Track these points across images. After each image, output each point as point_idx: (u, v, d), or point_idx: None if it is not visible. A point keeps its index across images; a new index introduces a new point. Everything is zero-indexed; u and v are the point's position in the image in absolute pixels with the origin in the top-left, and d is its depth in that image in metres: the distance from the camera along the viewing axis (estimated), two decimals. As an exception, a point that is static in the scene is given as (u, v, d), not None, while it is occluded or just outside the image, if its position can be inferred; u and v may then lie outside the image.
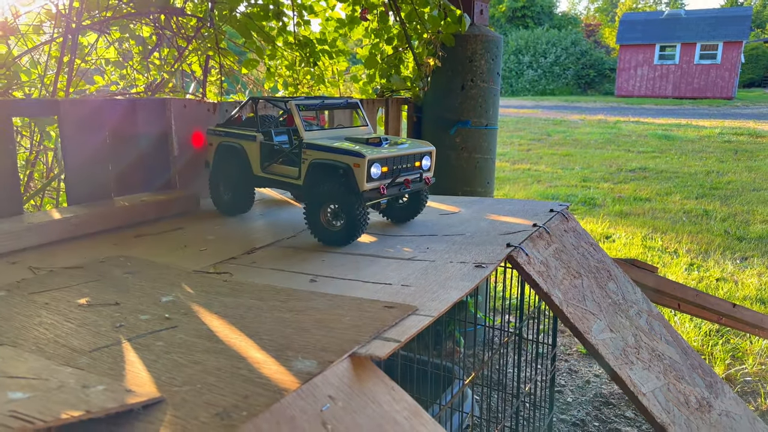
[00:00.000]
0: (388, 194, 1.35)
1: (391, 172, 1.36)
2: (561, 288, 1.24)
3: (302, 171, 1.40)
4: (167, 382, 0.72)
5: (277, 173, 1.49)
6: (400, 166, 1.39)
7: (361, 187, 1.29)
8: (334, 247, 1.35)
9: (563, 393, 2.67)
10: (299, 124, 1.41)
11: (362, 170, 1.28)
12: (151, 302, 1.01)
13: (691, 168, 7.86)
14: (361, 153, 1.29)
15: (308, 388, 0.68)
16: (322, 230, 1.36)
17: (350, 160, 1.30)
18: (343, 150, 1.32)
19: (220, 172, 1.62)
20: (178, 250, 1.35)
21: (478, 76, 2.74)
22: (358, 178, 1.29)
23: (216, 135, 1.62)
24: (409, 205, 1.56)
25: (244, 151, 1.54)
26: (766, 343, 2.92)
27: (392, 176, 1.36)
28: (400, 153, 1.38)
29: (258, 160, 1.52)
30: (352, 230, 1.32)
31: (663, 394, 1.20)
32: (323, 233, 1.36)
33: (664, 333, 1.43)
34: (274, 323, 0.89)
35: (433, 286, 1.07)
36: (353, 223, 1.31)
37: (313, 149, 1.37)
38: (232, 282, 1.11)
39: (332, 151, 1.34)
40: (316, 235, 1.37)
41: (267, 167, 1.51)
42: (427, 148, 1.46)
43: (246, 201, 1.61)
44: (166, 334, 0.87)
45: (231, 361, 0.77)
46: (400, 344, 0.81)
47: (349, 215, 1.31)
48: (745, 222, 5.27)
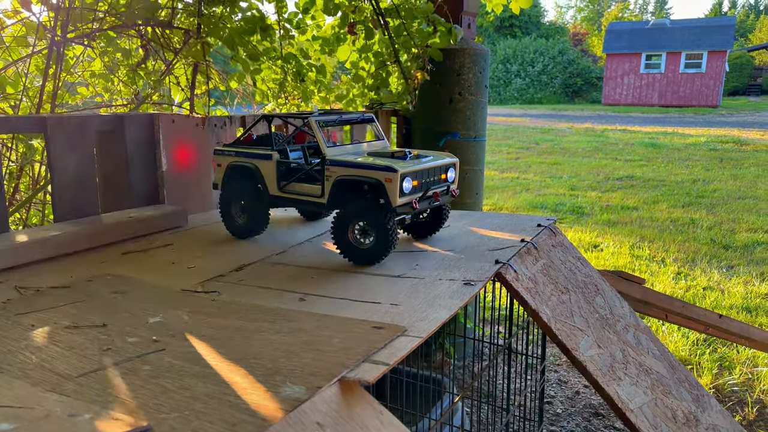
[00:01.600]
0: (420, 208, 1.33)
1: (421, 185, 1.34)
2: (549, 304, 1.24)
3: (326, 189, 1.36)
4: (155, 408, 0.71)
5: (296, 192, 1.45)
6: (429, 179, 1.37)
7: (394, 202, 1.26)
8: (359, 266, 1.32)
9: (553, 404, 2.68)
10: (321, 141, 1.38)
11: (395, 185, 1.25)
12: (138, 324, 1.00)
13: (677, 176, 7.94)
14: (393, 167, 1.25)
15: (296, 416, 0.68)
16: (350, 249, 1.32)
17: (381, 176, 1.26)
18: (372, 165, 1.28)
19: (231, 193, 1.54)
20: (166, 267, 1.34)
21: (466, 89, 2.76)
22: (390, 193, 1.25)
23: (225, 155, 1.55)
24: (431, 220, 1.53)
25: (258, 171, 1.49)
26: (752, 353, 2.95)
27: (423, 190, 1.34)
28: (429, 166, 1.35)
29: (274, 179, 1.46)
30: (384, 247, 1.29)
31: (650, 410, 1.21)
32: (352, 252, 1.33)
33: (651, 347, 1.44)
34: (262, 346, 0.89)
35: (422, 305, 1.08)
36: (385, 240, 1.28)
37: (337, 166, 1.33)
38: (219, 301, 1.10)
39: (360, 167, 1.30)
40: (344, 254, 1.34)
41: (284, 186, 1.46)
42: (452, 160, 1.44)
43: (261, 222, 1.54)
44: (154, 358, 0.86)
45: (219, 386, 0.76)
46: (389, 367, 0.81)
47: (379, 232, 1.28)
48: (731, 230, 5.33)
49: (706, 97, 21.03)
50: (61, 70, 2.68)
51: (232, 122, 1.99)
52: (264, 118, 1.55)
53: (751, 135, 12.07)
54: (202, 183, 1.89)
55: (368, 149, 1.49)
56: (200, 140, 1.87)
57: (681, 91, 21.49)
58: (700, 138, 11.67)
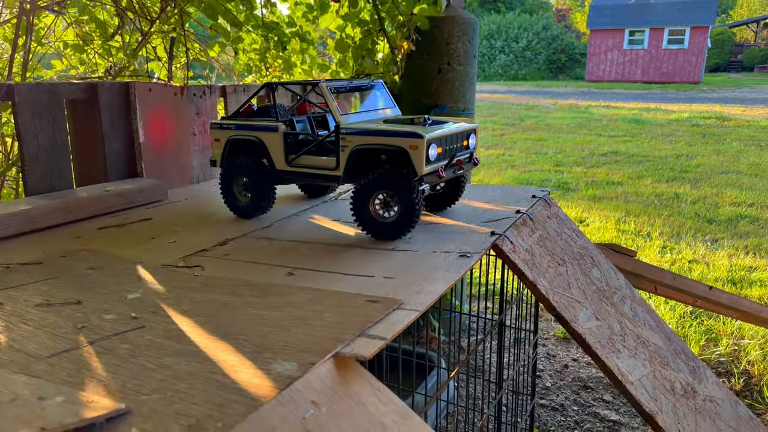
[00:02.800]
0: (446, 177, 1.24)
1: (445, 152, 1.25)
2: (546, 276, 1.20)
3: (341, 160, 1.27)
4: (134, 390, 0.66)
5: (306, 165, 1.34)
6: (453, 146, 1.28)
7: (420, 171, 1.17)
8: (381, 241, 1.24)
9: (542, 378, 2.67)
10: (334, 108, 1.27)
11: (420, 152, 1.16)
12: (116, 300, 0.94)
13: (661, 151, 7.97)
14: (418, 133, 1.16)
15: (289, 394, 0.63)
16: (372, 223, 1.24)
17: (405, 143, 1.17)
18: (395, 132, 1.19)
19: (233, 170, 1.43)
20: (146, 242, 1.27)
21: (455, 59, 2.69)
22: (415, 161, 1.17)
23: (224, 129, 1.42)
24: (447, 192, 1.45)
25: (263, 145, 1.37)
26: (738, 324, 2.97)
27: (448, 157, 1.26)
28: (453, 131, 1.27)
29: (281, 152, 1.35)
30: (409, 220, 1.20)
31: (650, 382, 1.18)
32: (374, 226, 1.24)
33: (647, 319, 1.41)
34: (250, 321, 0.83)
35: (417, 278, 1.03)
36: (410, 211, 1.19)
37: (354, 134, 1.23)
38: (203, 276, 1.04)
39: (380, 134, 1.21)
40: (366, 229, 1.25)
41: (293, 160, 1.35)
42: (473, 126, 1.36)
43: (267, 200, 1.43)
44: (133, 336, 0.80)
45: (204, 364, 0.71)
46: (386, 342, 0.76)
47: (405, 203, 1.19)
48: (715, 204, 5.37)
49: (688, 73, 21.11)
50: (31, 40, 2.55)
51: (212, 92, 1.90)
52: (267, 87, 1.43)
53: (733, 111, 12.15)
54: (182, 156, 1.81)
55: (382, 117, 1.39)
56: (179, 110, 1.79)
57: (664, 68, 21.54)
58: (682, 114, 11.73)
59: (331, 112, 1.29)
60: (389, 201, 1.22)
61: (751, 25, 29.52)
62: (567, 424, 2.34)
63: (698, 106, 13.25)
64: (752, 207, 5.26)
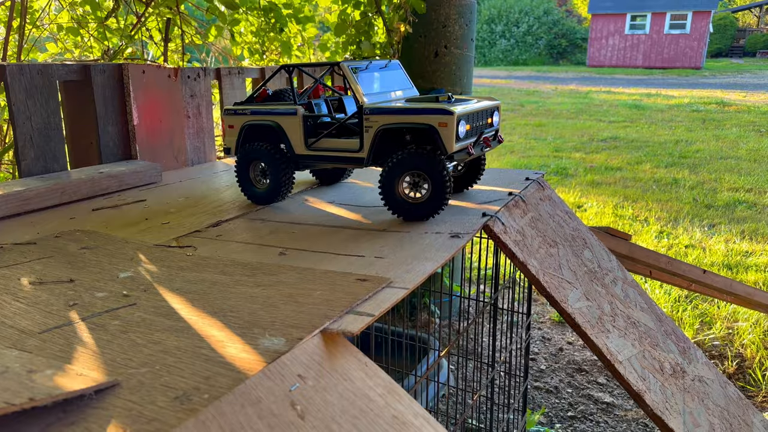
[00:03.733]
0: (475, 154, 1.23)
1: (473, 129, 1.23)
2: (537, 257, 1.21)
3: (365, 141, 1.23)
4: (123, 363, 0.67)
5: (327, 149, 1.31)
6: (479, 123, 1.26)
7: (450, 148, 1.15)
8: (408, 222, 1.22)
9: (537, 361, 2.70)
10: (357, 88, 1.24)
11: (450, 129, 1.14)
12: (108, 279, 0.95)
13: (660, 137, 7.95)
14: (448, 110, 1.14)
15: (275, 368, 0.64)
16: (401, 205, 1.22)
17: (434, 120, 1.15)
18: (423, 109, 1.16)
19: (249, 157, 1.39)
20: (139, 223, 1.28)
21: (452, 42, 2.68)
22: (445, 138, 1.14)
23: (238, 115, 1.39)
24: (467, 172, 1.42)
25: (280, 129, 1.34)
26: (733, 308, 2.99)
27: (476, 134, 1.24)
28: (480, 108, 1.25)
29: (300, 136, 1.33)
30: (440, 199, 1.18)
31: (639, 362, 1.20)
32: (404, 208, 1.22)
33: (639, 300, 1.42)
34: (239, 299, 0.84)
35: (407, 257, 1.03)
36: (441, 190, 1.17)
37: (380, 114, 1.21)
38: (195, 256, 1.05)
39: (407, 112, 1.18)
40: (395, 212, 1.23)
41: (313, 144, 1.33)
42: (496, 103, 1.33)
43: (286, 186, 1.39)
44: (124, 312, 0.81)
45: (193, 340, 0.72)
46: (374, 318, 0.77)
47: (436, 182, 1.17)
48: (713, 190, 5.37)
49: (690, 58, 20.98)
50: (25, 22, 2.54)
51: (206, 74, 1.90)
52: (284, 69, 1.38)
53: (734, 96, 12.11)
54: (176, 138, 1.81)
55: (402, 96, 1.37)
56: (173, 93, 1.78)
57: (665, 53, 21.40)
58: (683, 99, 11.68)
59: (353, 92, 1.25)
60: (418, 181, 1.20)
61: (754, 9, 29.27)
62: (561, 406, 2.37)
63: (699, 91, 13.20)
64: (750, 192, 5.27)
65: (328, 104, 1.47)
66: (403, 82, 1.43)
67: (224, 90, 1.97)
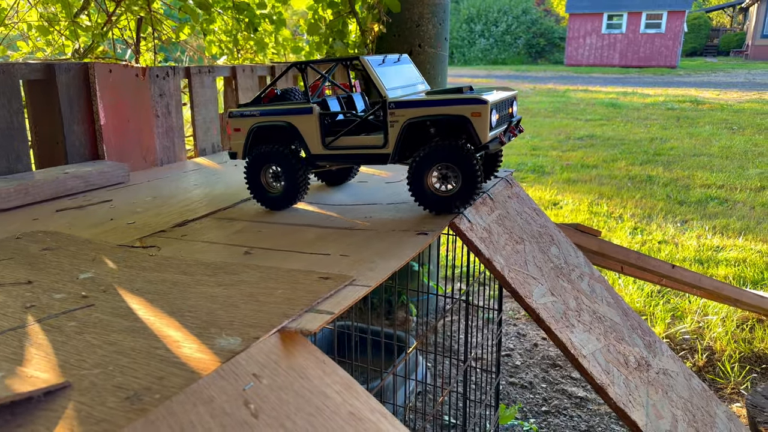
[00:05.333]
0: (507, 142, 1.21)
1: (501, 119, 1.21)
2: (503, 254, 1.22)
3: (390, 136, 1.20)
4: (76, 365, 0.66)
5: (347, 146, 1.26)
6: (504, 112, 1.24)
7: (484, 138, 1.12)
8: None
9: (512, 356, 2.72)
10: (379, 82, 1.20)
11: (485, 119, 1.11)
12: (67, 280, 0.93)
13: (636, 135, 8.07)
14: (482, 99, 1.11)
15: (230, 367, 0.64)
16: (431, 198, 1.20)
17: (467, 110, 1.12)
18: (454, 100, 1.14)
19: (260, 160, 1.33)
20: (104, 224, 1.26)
21: (426, 41, 2.69)
22: (478, 128, 1.12)
23: (246, 117, 1.32)
24: (486, 164, 1.39)
25: (294, 129, 1.29)
26: (703, 302, 3.05)
27: (504, 123, 1.23)
28: (505, 97, 1.23)
29: (317, 135, 1.27)
30: (471, 190, 1.16)
31: (603, 356, 1.22)
32: (433, 201, 1.20)
33: (605, 295, 1.44)
34: (199, 299, 0.84)
35: (372, 255, 1.04)
36: (472, 181, 1.15)
37: (406, 107, 1.17)
38: (158, 256, 1.04)
39: (438, 104, 1.15)
40: (425, 205, 1.21)
41: (331, 143, 1.27)
42: (514, 92, 1.32)
43: (302, 188, 1.33)
44: (81, 314, 0.80)
45: (149, 340, 0.71)
46: (334, 316, 0.77)
47: (466, 174, 1.14)
48: (686, 186, 5.47)
49: (665, 57, 21.31)
50: (-8, 20, 2.49)
51: (176, 73, 1.88)
52: (296, 67, 1.32)
53: (707, 95, 12.33)
54: (144, 138, 1.79)
55: (419, 90, 1.34)
56: (141, 92, 1.76)
57: (641, 52, 21.71)
58: (658, 98, 11.87)
59: (374, 87, 1.21)
60: (447, 174, 1.18)
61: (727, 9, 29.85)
62: (535, 401, 2.39)
63: (674, 90, 13.41)
64: (722, 189, 5.37)
65: (340, 102, 1.42)
66: (416, 77, 1.40)
67: (194, 89, 1.95)
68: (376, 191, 1.52)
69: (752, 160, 6.47)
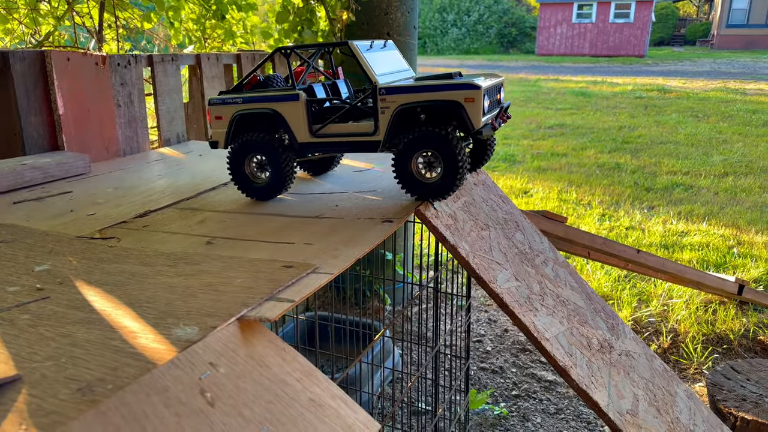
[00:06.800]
0: (498, 127, 1.19)
1: (491, 104, 1.19)
2: (468, 240, 1.23)
3: (381, 123, 1.17)
4: (27, 358, 0.65)
5: (336, 134, 1.23)
6: (494, 98, 1.22)
7: (477, 124, 1.11)
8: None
9: (483, 342, 2.76)
10: (368, 68, 1.17)
11: (478, 104, 1.10)
12: (22, 273, 0.91)
13: (605, 123, 8.19)
14: (475, 84, 1.09)
15: (186, 357, 0.63)
16: (416, 184, 1.19)
17: (460, 95, 1.10)
18: (447, 86, 1.11)
19: (244, 149, 1.29)
20: (63, 215, 1.24)
21: (395, 29, 2.68)
22: (472, 114, 1.10)
23: (227, 104, 1.28)
24: (477, 151, 1.37)
25: (279, 117, 1.25)
26: (668, 286, 3.12)
27: (495, 109, 1.21)
28: (495, 83, 1.21)
29: (304, 123, 1.24)
30: (453, 178, 1.15)
31: (566, 338, 1.24)
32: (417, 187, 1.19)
33: (569, 280, 1.47)
34: (158, 289, 0.83)
35: (337, 243, 1.04)
36: (454, 169, 1.13)
37: (397, 93, 1.15)
38: (118, 247, 1.02)
39: (430, 89, 1.13)
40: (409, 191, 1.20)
41: (319, 130, 1.24)
42: (502, 78, 1.29)
43: (288, 177, 1.30)
44: (35, 306, 0.79)
45: (104, 331, 0.70)
46: (294, 304, 0.77)
47: (448, 161, 1.13)
48: (653, 174, 5.58)
49: (633, 47, 21.64)
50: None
51: (138, 61, 1.84)
52: (280, 52, 1.27)
53: (674, 83, 12.57)
54: (106, 128, 1.75)
55: (406, 76, 1.31)
56: (101, 81, 1.72)
57: (611, 41, 22.00)
58: (627, 86, 12.05)
59: (364, 72, 1.18)
60: (432, 161, 1.16)
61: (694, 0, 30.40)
62: (506, 385, 2.43)
63: (642, 79, 13.64)
64: (687, 175, 5.50)
65: (326, 88, 1.38)
66: (402, 63, 1.37)
67: (158, 77, 1.91)
68: (344, 179, 1.52)
69: (716, 147, 6.63)
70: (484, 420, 2.20)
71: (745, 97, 10.29)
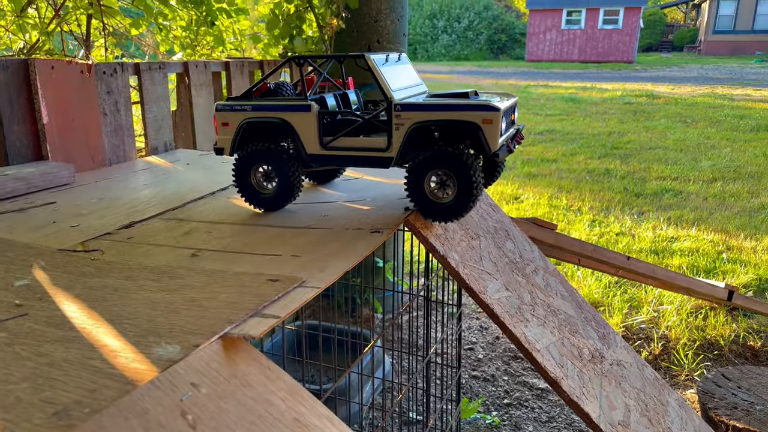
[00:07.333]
0: (513, 150, 1.17)
1: (507, 126, 1.17)
2: (458, 250, 1.22)
3: (395, 139, 1.14)
4: (3, 379, 0.62)
5: (346, 147, 1.20)
6: (509, 119, 1.20)
7: (494, 146, 1.09)
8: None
9: (474, 350, 2.74)
10: (384, 82, 1.15)
11: (496, 126, 1.08)
12: (1, 288, 0.89)
13: (594, 129, 8.23)
14: (494, 106, 1.07)
15: (167, 377, 0.61)
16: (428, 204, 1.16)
17: (477, 117, 1.08)
18: (465, 105, 1.10)
19: (250, 158, 1.26)
20: (45, 227, 1.21)
21: (384, 37, 2.68)
22: (489, 136, 1.08)
23: (235, 111, 1.25)
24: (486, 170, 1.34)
25: (289, 126, 1.22)
26: (659, 292, 3.13)
27: (511, 130, 1.19)
28: (511, 104, 1.19)
29: (314, 134, 1.20)
30: (467, 199, 1.12)
31: (557, 349, 1.23)
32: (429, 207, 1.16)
33: (560, 289, 1.46)
34: (140, 305, 0.81)
35: (325, 255, 1.02)
36: (468, 190, 1.11)
37: (413, 110, 1.13)
38: (101, 261, 1.00)
39: (447, 108, 1.10)
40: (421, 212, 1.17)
41: (330, 143, 1.21)
42: (516, 99, 1.27)
43: (295, 188, 1.26)
44: (13, 324, 0.77)
45: (83, 350, 0.68)
46: (279, 320, 0.76)
47: (462, 182, 1.10)
48: (642, 179, 5.60)
49: (622, 53, 21.82)
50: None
51: (124, 69, 1.82)
52: (293, 62, 1.25)
53: (662, 89, 12.67)
54: (91, 137, 1.73)
55: (419, 92, 1.28)
56: (87, 89, 1.70)
57: (599, 47, 22.18)
58: (616, 92, 12.14)
59: (379, 87, 1.16)
60: (445, 180, 1.14)
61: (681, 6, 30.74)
62: (497, 393, 2.42)
63: (631, 84, 13.74)
64: (676, 181, 5.53)
65: (338, 100, 1.36)
66: (416, 78, 1.34)
67: (144, 85, 1.89)
68: (333, 188, 1.50)
69: (705, 152, 6.68)
70: (476, 429, 2.18)
71: (733, 103, 10.39)
